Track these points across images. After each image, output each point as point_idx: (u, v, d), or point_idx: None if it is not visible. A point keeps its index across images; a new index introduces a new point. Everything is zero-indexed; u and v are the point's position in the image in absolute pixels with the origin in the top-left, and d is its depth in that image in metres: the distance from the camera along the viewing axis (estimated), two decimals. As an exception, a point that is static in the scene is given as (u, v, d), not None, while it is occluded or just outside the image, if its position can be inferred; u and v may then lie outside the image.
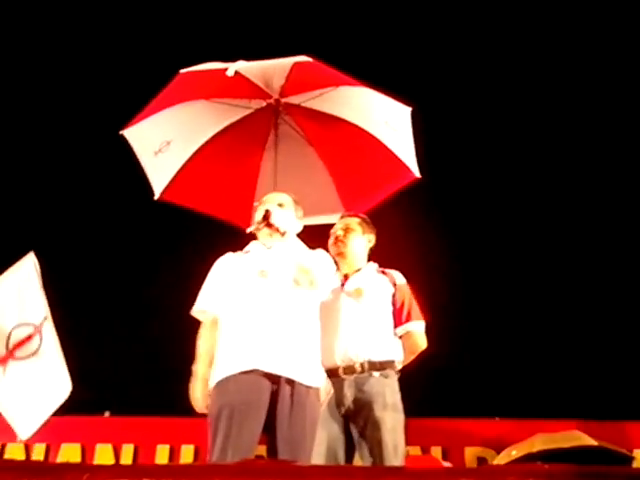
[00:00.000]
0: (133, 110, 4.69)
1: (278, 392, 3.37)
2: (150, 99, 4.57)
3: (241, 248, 3.88)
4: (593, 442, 5.39)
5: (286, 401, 3.36)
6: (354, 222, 4.31)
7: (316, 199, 4.73)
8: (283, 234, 3.55)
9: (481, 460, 6.38)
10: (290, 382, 3.39)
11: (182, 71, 4.28)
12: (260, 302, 3.53)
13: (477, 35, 8.14)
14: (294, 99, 4.68)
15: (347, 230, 4.26)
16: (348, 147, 4.80)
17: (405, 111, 4.54)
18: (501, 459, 5.86)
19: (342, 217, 4.40)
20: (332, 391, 3.79)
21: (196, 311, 3.73)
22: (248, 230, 3.72)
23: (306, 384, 3.44)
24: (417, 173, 4.67)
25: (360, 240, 4.27)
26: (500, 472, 2.25)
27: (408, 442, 3.97)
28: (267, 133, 4.82)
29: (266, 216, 3.60)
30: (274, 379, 3.38)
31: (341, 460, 3.83)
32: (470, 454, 6.45)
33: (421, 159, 4.69)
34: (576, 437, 5.54)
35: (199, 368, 3.59)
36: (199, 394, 3.53)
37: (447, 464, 6.12)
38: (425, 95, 5.29)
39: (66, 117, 7.90)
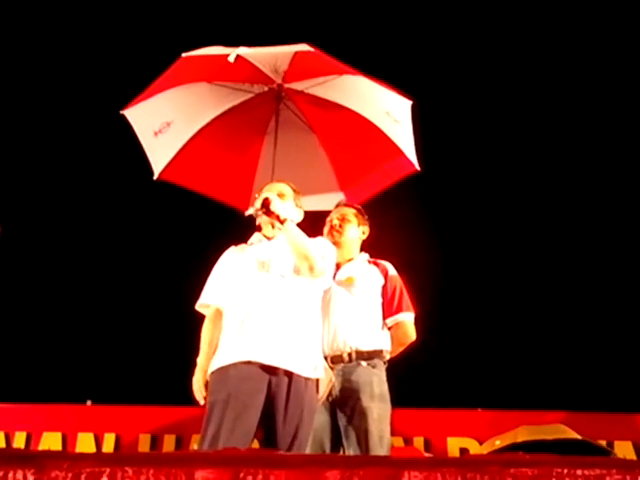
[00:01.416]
0: (134, 91, 4.69)
1: (276, 384, 3.36)
2: (152, 81, 4.57)
3: (245, 240, 3.88)
4: (577, 436, 5.43)
5: (283, 393, 3.36)
6: (350, 213, 4.33)
7: (315, 185, 4.78)
8: (283, 222, 3.52)
9: (463, 450, 6.40)
10: (288, 374, 3.38)
11: (184, 55, 4.28)
12: (259, 294, 3.52)
13: (474, 32, 8.14)
14: (297, 85, 4.69)
15: (343, 220, 4.28)
16: (350, 135, 4.82)
17: (406, 104, 4.55)
18: (484, 449, 5.88)
19: (338, 206, 4.41)
20: (333, 380, 3.78)
21: (199, 305, 3.73)
22: (247, 213, 3.70)
23: (305, 375, 3.43)
24: (417, 165, 4.69)
25: (355, 231, 4.29)
26: (482, 462, 2.26)
27: (391, 432, 3.98)
28: (269, 118, 4.83)
29: (265, 203, 3.56)
30: (272, 371, 3.37)
31: (327, 449, 3.84)
32: (452, 444, 6.46)
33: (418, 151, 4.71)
34: (560, 430, 5.57)
35: (200, 360, 3.59)
36: (199, 385, 3.51)
37: (429, 455, 6.14)
38: (421, 89, 5.29)
39: (67, 97, 7.86)
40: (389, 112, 4.61)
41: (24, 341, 7.70)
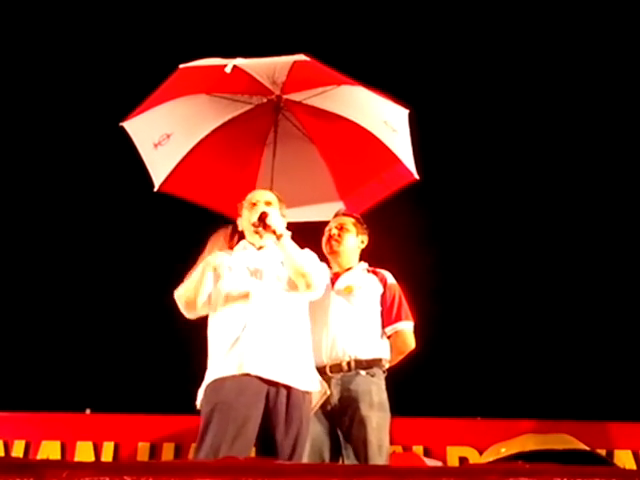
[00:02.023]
0: (133, 103, 4.69)
1: (274, 396, 3.35)
2: (150, 92, 4.57)
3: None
4: (584, 447, 5.41)
5: (282, 405, 3.35)
6: (349, 222, 4.33)
7: (315, 196, 4.80)
8: (279, 237, 3.54)
9: (463, 460, 6.39)
10: (287, 387, 3.37)
11: (182, 66, 4.28)
12: (255, 306, 3.49)
13: (471, 40, 8.16)
14: (295, 96, 4.69)
15: (342, 229, 4.28)
16: (349, 146, 4.82)
17: (403, 113, 4.56)
18: (489, 455, 5.84)
19: (336, 216, 4.41)
20: (327, 392, 3.78)
21: (178, 295, 3.68)
22: (249, 230, 3.72)
23: (303, 389, 3.43)
24: (415, 174, 4.70)
25: (354, 240, 4.29)
26: (481, 471, 2.25)
27: (390, 441, 3.97)
28: (268, 129, 4.83)
29: (262, 217, 3.58)
30: (271, 384, 3.36)
31: (326, 458, 3.83)
32: (452, 453, 6.45)
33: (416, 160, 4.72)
34: (567, 440, 5.55)
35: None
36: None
37: (433, 461, 6.12)
38: (419, 98, 5.30)
39: (66, 109, 7.87)
40: (387, 121, 4.62)
41: (23, 350, 7.70)
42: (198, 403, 3.53)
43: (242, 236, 3.83)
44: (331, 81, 4.49)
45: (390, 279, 4.20)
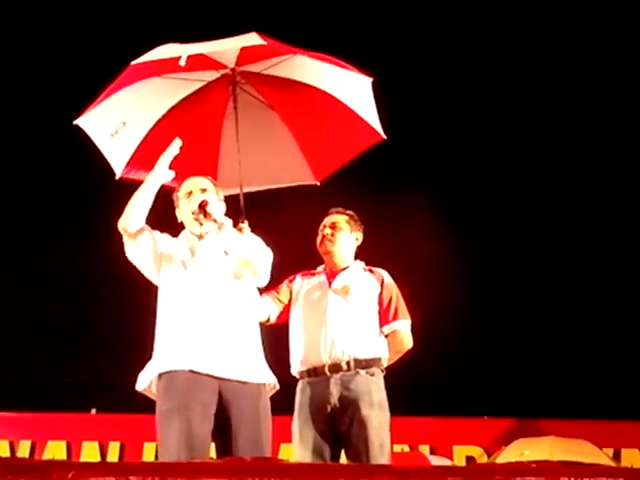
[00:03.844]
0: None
1: (228, 391, 3.30)
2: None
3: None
4: (611, 463, 5.38)
5: (238, 400, 3.30)
6: (342, 220, 4.29)
7: (282, 163, 4.76)
8: (220, 226, 3.52)
9: (469, 459, 6.40)
10: (241, 382, 3.34)
11: (133, 63, 4.25)
12: (204, 297, 3.43)
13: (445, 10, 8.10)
14: (251, 67, 4.65)
15: (335, 228, 4.24)
16: (311, 110, 4.76)
17: (365, 81, 4.55)
18: (509, 456, 5.74)
19: (330, 214, 4.37)
20: (277, 387, 3.73)
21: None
22: (189, 220, 3.67)
23: (258, 382, 3.40)
24: (382, 134, 4.67)
25: (348, 238, 4.25)
26: (487, 471, 2.25)
27: (396, 441, 3.98)
28: (225, 103, 4.77)
29: (202, 205, 3.56)
30: (223, 380, 3.30)
31: (327, 459, 3.82)
32: (458, 453, 6.46)
33: (410, 146, 4.68)
34: (594, 452, 5.51)
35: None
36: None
37: (440, 459, 6.11)
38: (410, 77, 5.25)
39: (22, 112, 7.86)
40: (348, 86, 4.61)
41: (29, 350, 7.71)
42: (140, 387, 3.51)
43: (182, 227, 3.76)
44: (286, 51, 4.47)
45: (387, 278, 4.18)
